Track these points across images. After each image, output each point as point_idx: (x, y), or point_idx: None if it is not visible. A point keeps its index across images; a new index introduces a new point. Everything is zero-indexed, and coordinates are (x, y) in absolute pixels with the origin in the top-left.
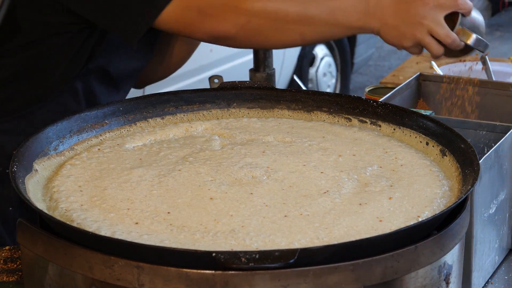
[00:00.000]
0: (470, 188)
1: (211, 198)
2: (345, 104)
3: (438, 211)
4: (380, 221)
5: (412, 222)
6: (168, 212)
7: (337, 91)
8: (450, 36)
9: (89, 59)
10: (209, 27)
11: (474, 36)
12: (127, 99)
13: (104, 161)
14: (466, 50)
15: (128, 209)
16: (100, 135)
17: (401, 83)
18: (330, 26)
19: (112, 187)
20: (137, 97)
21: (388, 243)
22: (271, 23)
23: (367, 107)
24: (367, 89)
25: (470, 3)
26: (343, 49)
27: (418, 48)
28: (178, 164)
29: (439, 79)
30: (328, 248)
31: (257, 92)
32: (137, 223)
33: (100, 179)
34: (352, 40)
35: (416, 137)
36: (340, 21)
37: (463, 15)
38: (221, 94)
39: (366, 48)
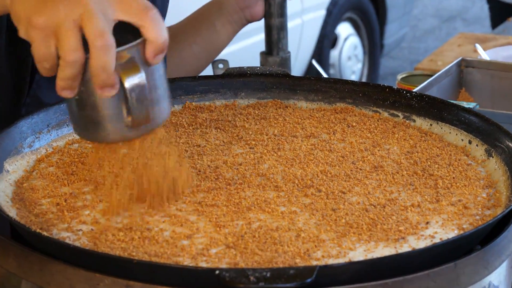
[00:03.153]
0: None
1: (212, 205)
2: (373, 94)
3: (482, 222)
4: (414, 233)
5: (451, 234)
6: (164, 222)
7: (364, 78)
8: (104, 39)
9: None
10: None
11: (140, 75)
12: None
13: (87, 160)
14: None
15: (115, 217)
16: None
17: (440, 70)
18: None
19: (98, 191)
20: None
21: (423, 260)
22: None
23: (399, 99)
24: (399, 77)
25: (163, 41)
26: (371, 28)
27: (47, 45)
28: (177, 164)
29: (484, 65)
30: (352, 266)
31: (269, 80)
32: (123, 231)
33: (83, 181)
34: (382, 17)
35: (457, 134)
36: None
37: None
38: (226, 82)
39: (399, 27)
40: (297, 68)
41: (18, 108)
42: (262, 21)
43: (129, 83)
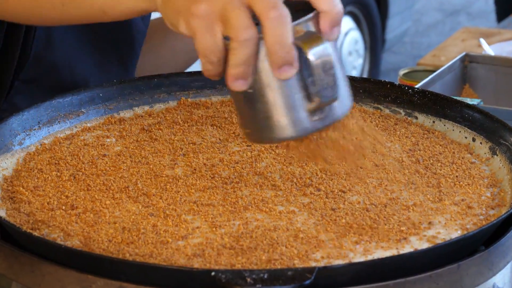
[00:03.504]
0: None
1: (208, 205)
2: (374, 90)
3: (486, 222)
4: (416, 233)
5: (454, 235)
6: (158, 222)
7: (365, 74)
8: (278, 10)
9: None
10: None
11: (324, 46)
12: (109, 82)
13: (80, 159)
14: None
15: (107, 217)
16: (75, 126)
17: (443, 65)
18: None
19: (89, 189)
20: (121, 80)
21: (425, 261)
22: None
23: (400, 95)
24: (401, 72)
25: (337, 11)
26: (373, 22)
27: (213, 34)
28: (171, 161)
29: (489, 60)
30: (352, 267)
31: None
32: (116, 231)
33: (75, 179)
34: (383, 11)
35: (460, 131)
36: None
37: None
38: (223, 78)
39: (401, 21)
40: None
41: None
42: None
43: (313, 54)
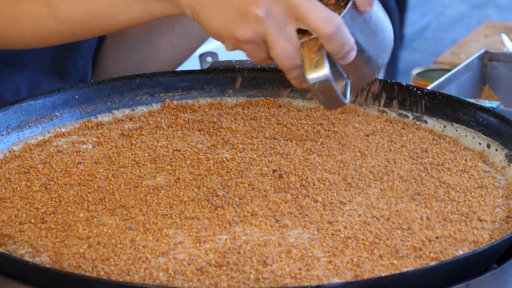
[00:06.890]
0: None
1: (193, 218)
2: (379, 92)
3: (499, 237)
4: (420, 249)
5: (463, 251)
6: (137, 236)
7: (381, 74)
8: (332, 23)
9: None
10: None
11: (324, 71)
12: (85, 83)
13: (52, 167)
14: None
15: (81, 231)
16: (48, 131)
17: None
18: None
19: (62, 200)
20: (99, 81)
21: (430, 280)
22: None
23: (408, 97)
24: (414, 72)
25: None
26: (389, 16)
27: (262, 53)
28: (153, 170)
29: (511, 58)
30: (350, 286)
31: (260, 75)
32: (90, 246)
33: (46, 190)
34: (401, 3)
35: (474, 137)
36: None
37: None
38: (212, 78)
39: (422, 14)
40: None
41: None
42: None
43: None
